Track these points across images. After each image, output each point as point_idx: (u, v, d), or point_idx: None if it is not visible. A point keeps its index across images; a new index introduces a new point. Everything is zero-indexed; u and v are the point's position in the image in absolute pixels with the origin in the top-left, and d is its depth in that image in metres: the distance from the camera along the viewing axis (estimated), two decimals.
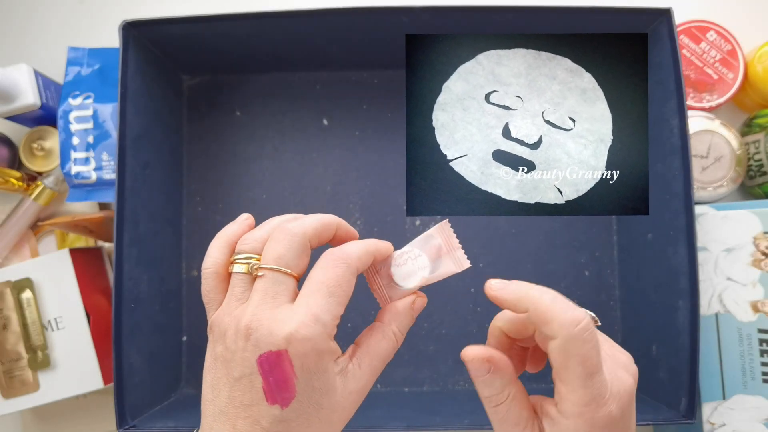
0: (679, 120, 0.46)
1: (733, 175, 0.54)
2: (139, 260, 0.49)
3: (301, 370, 0.26)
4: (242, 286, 0.28)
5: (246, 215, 0.31)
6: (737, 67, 0.56)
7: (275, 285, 0.27)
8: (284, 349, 0.26)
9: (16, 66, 0.54)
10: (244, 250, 0.29)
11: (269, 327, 0.26)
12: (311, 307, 0.27)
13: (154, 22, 0.47)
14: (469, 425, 0.46)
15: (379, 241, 0.30)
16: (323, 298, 0.27)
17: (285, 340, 0.26)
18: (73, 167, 0.53)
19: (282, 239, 0.28)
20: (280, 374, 0.26)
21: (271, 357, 0.26)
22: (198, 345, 0.56)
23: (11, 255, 0.58)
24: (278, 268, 0.27)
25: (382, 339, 0.30)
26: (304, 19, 0.48)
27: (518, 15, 0.47)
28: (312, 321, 0.26)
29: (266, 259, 0.28)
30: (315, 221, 0.29)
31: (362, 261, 0.29)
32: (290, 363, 0.26)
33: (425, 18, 0.48)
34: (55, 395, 0.51)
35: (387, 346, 0.30)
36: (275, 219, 0.30)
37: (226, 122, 0.57)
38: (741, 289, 0.49)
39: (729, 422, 0.48)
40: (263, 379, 0.26)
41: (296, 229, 0.28)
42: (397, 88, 0.57)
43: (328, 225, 0.30)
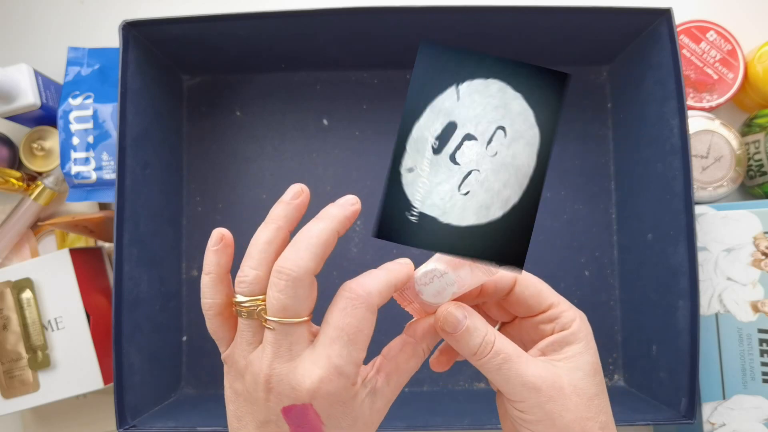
0: (679, 120, 0.46)
1: (733, 175, 0.54)
2: (139, 260, 0.49)
3: (330, 419, 0.26)
4: (251, 331, 0.27)
5: (218, 236, 0.28)
6: (737, 67, 0.56)
7: (287, 336, 0.26)
8: (308, 403, 0.26)
9: (16, 66, 0.54)
10: (243, 293, 0.27)
11: (290, 382, 0.26)
12: (332, 358, 0.25)
13: (154, 22, 0.47)
14: (469, 425, 0.46)
15: (397, 267, 0.28)
16: (344, 347, 0.26)
17: (308, 395, 0.25)
18: (73, 167, 0.53)
19: (284, 288, 0.26)
20: (307, 424, 0.26)
21: (296, 410, 0.26)
22: (198, 345, 0.56)
23: (11, 255, 0.58)
24: (286, 321, 0.26)
25: (413, 356, 0.29)
26: (304, 19, 0.48)
27: (517, 15, 0.48)
28: (335, 375, 0.25)
29: (271, 310, 0.26)
30: (314, 246, 0.26)
31: (382, 297, 0.27)
32: (316, 414, 0.26)
33: (425, 18, 0.48)
34: (55, 395, 0.51)
35: (416, 364, 0.29)
36: (259, 244, 0.27)
37: (226, 122, 0.57)
38: (741, 289, 0.49)
39: (729, 422, 0.48)
40: (290, 427, 0.26)
41: (295, 271, 0.26)
42: (397, 88, 0.57)
43: (328, 244, 0.27)
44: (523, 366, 0.27)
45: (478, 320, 0.28)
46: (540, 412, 0.27)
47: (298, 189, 0.29)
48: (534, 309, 0.30)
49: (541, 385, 0.27)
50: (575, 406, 0.27)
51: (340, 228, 0.28)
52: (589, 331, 0.29)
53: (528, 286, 0.30)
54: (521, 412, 0.27)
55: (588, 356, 0.29)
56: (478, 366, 0.28)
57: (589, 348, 0.29)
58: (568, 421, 0.27)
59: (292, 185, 0.29)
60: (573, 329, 0.29)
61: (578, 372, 0.28)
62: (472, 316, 0.28)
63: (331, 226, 0.27)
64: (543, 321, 0.30)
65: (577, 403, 0.27)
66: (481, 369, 0.28)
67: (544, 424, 0.27)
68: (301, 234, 0.27)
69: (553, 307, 0.30)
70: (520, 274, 0.29)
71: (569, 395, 0.27)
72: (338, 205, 0.28)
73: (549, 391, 0.27)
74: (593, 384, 0.28)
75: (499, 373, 0.27)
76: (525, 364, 0.27)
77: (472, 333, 0.27)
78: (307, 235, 0.27)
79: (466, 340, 0.28)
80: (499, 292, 0.30)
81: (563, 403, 0.27)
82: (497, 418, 0.46)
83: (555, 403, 0.27)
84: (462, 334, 0.28)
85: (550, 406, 0.27)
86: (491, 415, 0.47)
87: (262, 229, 0.28)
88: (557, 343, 0.29)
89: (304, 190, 0.29)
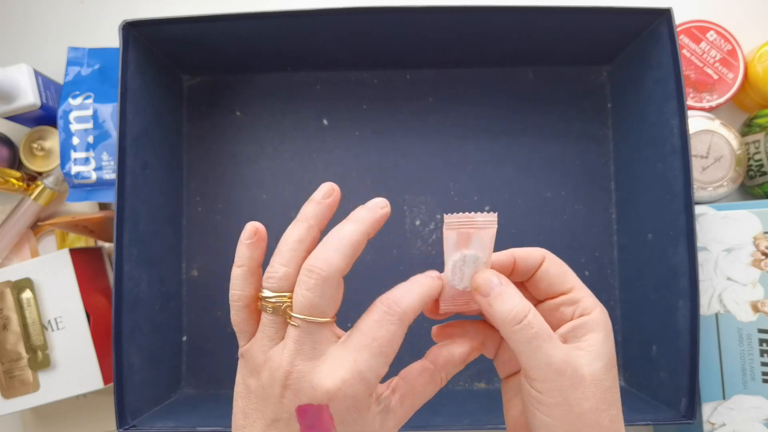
0: (679, 120, 0.46)
1: (733, 175, 0.54)
2: (139, 260, 0.49)
3: (342, 424, 0.26)
4: (274, 327, 0.27)
5: (253, 229, 0.29)
6: (737, 67, 0.56)
7: (311, 335, 0.26)
8: (325, 404, 0.25)
9: (16, 66, 0.54)
10: (271, 288, 0.27)
11: (310, 380, 0.26)
12: (358, 363, 0.25)
13: (154, 22, 0.47)
14: (469, 425, 0.46)
15: (429, 282, 0.28)
16: (372, 357, 0.26)
17: (327, 395, 0.25)
18: (73, 167, 0.53)
19: (313, 286, 0.26)
20: (320, 426, 0.26)
21: (311, 410, 0.26)
22: (198, 345, 0.56)
23: (11, 255, 0.58)
24: (312, 319, 0.26)
25: (430, 383, 0.29)
26: (304, 19, 0.48)
27: (517, 15, 0.48)
28: (357, 380, 0.25)
29: (298, 307, 0.26)
30: (345, 247, 0.27)
31: (416, 313, 0.27)
32: (330, 417, 0.26)
33: (425, 18, 0.48)
34: (55, 395, 0.51)
35: (432, 390, 0.29)
36: (290, 242, 0.27)
37: (226, 122, 0.57)
38: (741, 289, 0.49)
39: (729, 422, 0.48)
40: (302, 427, 0.26)
41: (326, 270, 0.26)
42: (397, 88, 0.57)
43: (358, 246, 0.27)
44: (552, 346, 0.27)
45: (513, 289, 0.28)
46: (560, 396, 0.27)
47: (329, 188, 0.29)
48: (556, 289, 0.30)
49: (566, 369, 0.27)
50: (593, 395, 0.27)
51: (371, 231, 0.28)
52: (608, 323, 0.29)
53: (555, 264, 0.30)
54: (539, 393, 0.27)
55: (608, 347, 0.28)
56: (508, 336, 0.27)
57: (609, 340, 0.29)
58: (585, 409, 0.27)
59: (323, 184, 0.29)
60: (594, 316, 0.29)
61: (599, 362, 0.28)
62: (507, 284, 0.28)
63: (362, 228, 0.28)
64: (564, 303, 0.30)
65: (594, 392, 0.27)
66: (510, 339, 0.27)
67: (562, 409, 0.27)
68: (332, 235, 0.27)
69: (575, 290, 0.30)
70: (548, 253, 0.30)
71: (588, 384, 0.27)
72: (368, 208, 0.28)
73: (572, 378, 0.27)
74: (610, 376, 0.28)
75: (529, 347, 0.27)
76: (554, 346, 0.27)
77: (505, 298, 0.28)
78: (338, 236, 0.27)
79: (500, 305, 0.27)
80: (530, 268, 0.30)
81: (583, 391, 0.27)
82: (497, 418, 0.46)
83: (576, 390, 0.27)
84: (495, 297, 0.28)
85: (570, 392, 0.27)
86: (491, 415, 0.47)
87: (293, 227, 0.28)
88: (578, 329, 0.29)
89: (335, 189, 0.29)
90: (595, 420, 0.27)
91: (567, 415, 0.27)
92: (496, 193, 0.56)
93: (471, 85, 0.57)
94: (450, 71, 0.57)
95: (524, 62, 0.56)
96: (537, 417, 0.27)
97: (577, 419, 0.27)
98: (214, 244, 0.56)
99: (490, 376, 0.55)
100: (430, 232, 0.56)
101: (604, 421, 0.27)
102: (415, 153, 0.56)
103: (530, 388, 0.27)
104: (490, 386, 0.55)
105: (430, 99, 0.57)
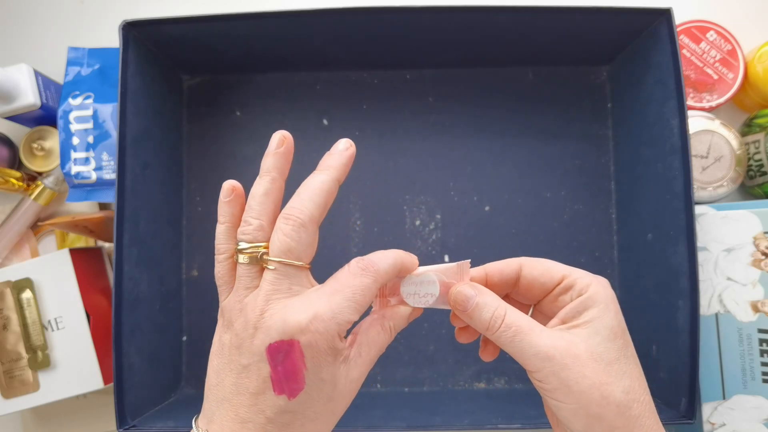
0: (679, 120, 0.46)
1: (733, 175, 0.54)
2: (139, 260, 0.49)
3: (312, 362, 0.26)
4: (250, 276, 0.28)
5: (230, 187, 0.30)
6: (737, 67, 0.56)
7: (288, 277, 0.27)
8: (296, 339, 0.26)
9: (16, 66, 0.54)
10: (246, 240, 0.28)
11: (282, 315, 0.26)
12: (331, 304, 0.27)
13: (154, 22, 0.47)
14: (469, 425, 0.46)
15: (407, 256, 0.30)
16: (345, 300, 0.27)
17: (299, 329, 0.26)
18: (73, 167, 0.53)
19: (290, 231, 0.27)
20: (289, 364, 0.26)
21: (282, 346, 0.26)
22: (198, 345, 0.56)
23: (11, 255, 0.58)
24: (289, 262, 0.27)
25: (381, 332, 0.30)
26: (304, 19, 0.48)
27: (517, 15, 0.48)
28: (329, 316, 0.26)
29: (275, 252, 0.27)
30: (317, 196, 0.28)
31: (389, 275, 0.29)
32: (301, 354, 0.26)
33: (425, 18, 0.48)
34: (55, 395, 0.51)
35: (384, 339, 0.30)
36: (258, 197, 0.29)
37: (226, 122, 0.57)
38: (741, 289, 0.49)
39: (729, 422, 0.48)
40: (271, 368, 0.26)
41: (301, 217, 0.28)
42: (397, 88, 0.57)
43: (329, 194, 0.29)
44: (535, 336, 0.28)
45: (488, 296, 0.29)
46: (555, 380, 0.27)
47: (280, 137, 0.30)
48: (548, 286, 0.30)
49: (554, 353, 0.27)
50: (593, 372, 0.27)
51: (340, 176, 0.30)
52: (608, 295, 0.29)
53: (534, 267, 0.31)
54: (540, 381, 0.28)
55: (607, 320, 0.28)
56: (495, 341, 0.29)
57: (608, 311, 0.29)
58: (585, 387, 0.27)
59: (274, 134, 0.30)
60: (589, 293, 0.29)
61: (596, 337, 0.28)
62: (482, 294, 0.29)
63: (331, 176, 0.29)
64: (559, 293, 0.30)
65: (594, 368, 0.27)
66: (497, 342, 0.29)
67: (561, 392, 0.27)
68: (304, 186, 0.29)
69: (566, 278, 0.30)
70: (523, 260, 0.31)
71: (586, 361, 0.27)
72: (333, 154, 0.30)
73: (563, 359, 0.27)
74: (613, 348, 0.28)
75: (513, 345, 0.28)
76: (537, 335, 0.28)
77: (482, 308, 0.29)
78: (310, 187, 0.29)
79: (478, 316, 0.29)
80: (507, 280, 0.31)
81: (579, 369, 0.27)
82: (497, 418, 0.46)
83: (570, 370, 0.27)
84: (473, 310, 0.29)
85: (564, 373, 0.27)
86: (491, 415, 0.47)
87: (257, 182, 0.29)
88: (575, 309, 0.29)
89: (286, 136, 0.30)
90: (600, 395, 0.27)
91: (569, 396, 0.27)
92: (496, 193, 0.56)
93: (471, 85, 0.57)
94: (450, 71, 0.57)
95: (524, 62, 0.56)
96: (550, 404, 0.28)
97: (581, 397, 0.27)
98: (214, 244, 0.56)
99: (490, 376, 0.55)
100: (430, 232, 0.56)
101: (614, 395, 0.27)
102: (415, 153, 0.56)
103: (534, 380, 0.28)
104: (490, 386, 0.55)
105: (430, 99, 0.57)
